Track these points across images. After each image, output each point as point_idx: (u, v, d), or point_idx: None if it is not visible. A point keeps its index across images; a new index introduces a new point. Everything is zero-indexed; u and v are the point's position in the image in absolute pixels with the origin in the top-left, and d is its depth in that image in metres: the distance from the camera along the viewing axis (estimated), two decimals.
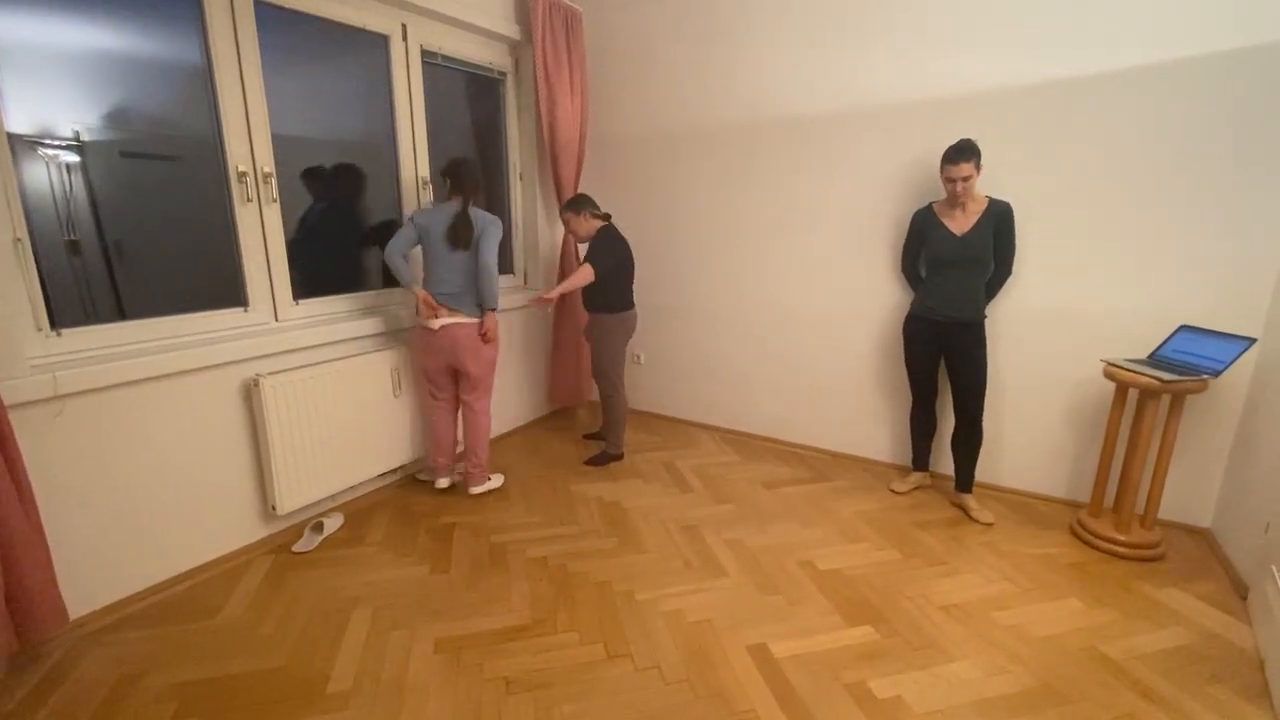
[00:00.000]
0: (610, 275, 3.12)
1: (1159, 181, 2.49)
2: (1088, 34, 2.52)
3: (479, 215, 2.68)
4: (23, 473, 1.78)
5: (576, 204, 3.17)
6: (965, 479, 2.84)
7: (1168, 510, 2.66)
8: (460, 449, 3.11)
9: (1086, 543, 2.56)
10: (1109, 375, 2.46)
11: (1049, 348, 2.80)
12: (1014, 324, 2.85)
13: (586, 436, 3.63)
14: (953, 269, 2.66)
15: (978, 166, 2.53)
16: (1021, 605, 2.18)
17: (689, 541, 2.60)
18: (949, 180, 2.56)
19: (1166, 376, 2.26)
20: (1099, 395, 2.71)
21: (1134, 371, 2.35)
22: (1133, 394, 2.50)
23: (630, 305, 3.25)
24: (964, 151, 2.50)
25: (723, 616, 2.12)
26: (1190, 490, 2.65)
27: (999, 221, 2.60)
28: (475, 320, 2.75)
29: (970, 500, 2.82)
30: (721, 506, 2.91)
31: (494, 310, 2.77)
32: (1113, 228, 2.60)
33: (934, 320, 2.74)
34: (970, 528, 2.71)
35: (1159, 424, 2.43)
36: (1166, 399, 2.39)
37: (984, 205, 2.61)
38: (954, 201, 2.62)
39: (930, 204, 2.77)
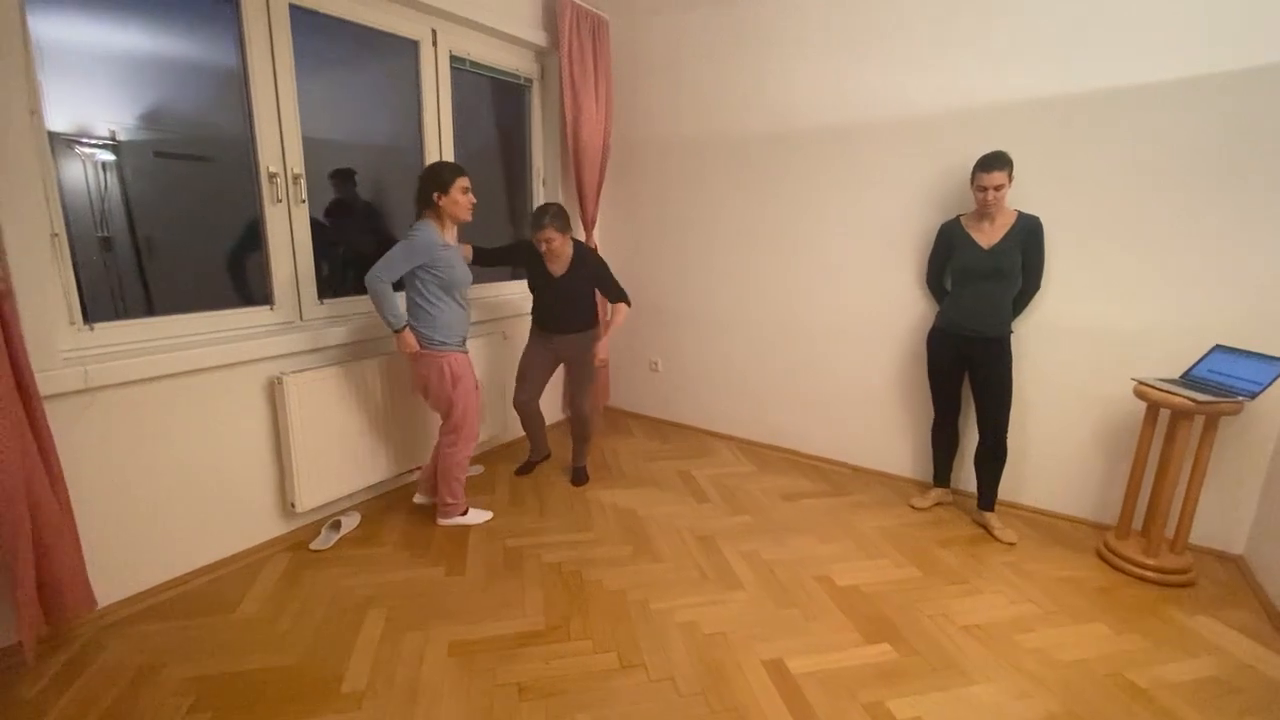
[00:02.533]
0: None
1: (1194, 197, 2.43)
2: (1122, 47, 2.47)
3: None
4: (55, 459, 1.83)
5: (567, 221, 2.76)
6: (988, 497, 2.79)
7: (1199, 535, 2.59)
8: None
9: (1113, 566, 2.49)
10: (1140, 395, 2.40)
11: (1078, 365, 2.74)
12: (1042, 340, 2.79)
13: (520, 472, 3.31)
14: (979, 282, 2.62)
15: (1009, 177, 2.50)
16: (1045, 628, 2.12)
17: (705, 552, 2.57)
18: (980, 189, 2.52)
19: (1201, 397, 2.20)
20: (1129, 415, 2.65)
21: (1166, 391, 2.30)
22: (1164, 414, 2.44)
23: None
24: (997, 160, 2.48)
25: (738, 629, 2.09)
26: (1222, 515, 2.57)
27: (1028, 235, 2.56)
28: (426, 351, 2.48)
29: (993, 519, 2.76)
30: (738, 518, 2.88)
31: (396, 331, 2.42)
32: (1145, 243, 2.54)
33: (959, 334, 2.70)
34: (992, 547, 2.66)
35: (1191, 446, 2.37)
36: (1200, 420, 2.33)
37: (1013, 219, 2.57)
38: (983, 212, 2.59)
39: (958, 216, 2.74)
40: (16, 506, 1.69)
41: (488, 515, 2.82)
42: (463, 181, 2.43)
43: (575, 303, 2.93)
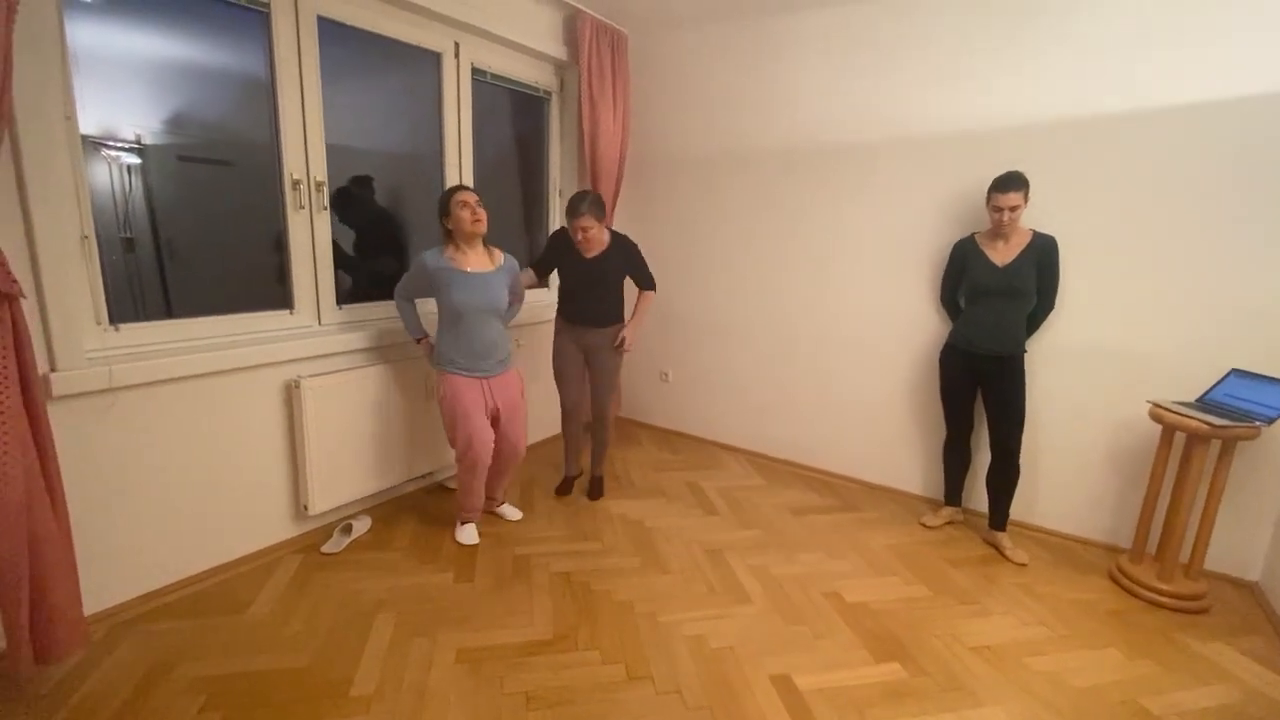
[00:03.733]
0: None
1: (1213, 220, 2.43)
2: (1140, 69, 2.48)
3: None
4: (57, 477, 1.72)
5: (603, 209, 2.77)
6: (1000, 517, 2.77)
7: (1214, 561, 2.55)
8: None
9: (1127, 590, 2.47)
10: (1155, 417, 2.39)
11: (1092, 385, 2.73)
12: (1057, 360, 2.78)
13: (561, 491, 3.20)
14: (993, 300, 2.62)
15: (1026, 198, 2.51)
16: (1057, 651, 2.10)
17: (713, 565, 2.57)
18: (996, 209, 2.53)
19: (1217, 421, 2.19)
20: (1144, 437, 2.63)
21: (1183, 415, 2.28)
22: (1179, 438, 2.41)
23: None
24: (1014, 181, 2.49)
25: (746, 644, 2.08)
26: (1238, 541, 2.54)
27: (1042, 255, 2.56)
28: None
29: (1004, 539, 2.75)
30: (747, 531, 2.88)
31: (417, 340, 2.67)
32: (1163, 265, 2.54)
33: (972, 352, 2.70)
34: (1004, 567, 2.64)
35: (1207, 470, 2.35)
36: (1216, 445, 2.31)
37: (1028, 238, 2.58)
38: (998, 231, 2.60)
39: (973, 234, 2.75)
40: (17, 525, 1.58)
41: (474, 540, 2.70)
42: (459, 196, 2.42)
43: (605, 290, 2.87)
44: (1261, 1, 2.26)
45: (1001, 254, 2.61)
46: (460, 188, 2.49)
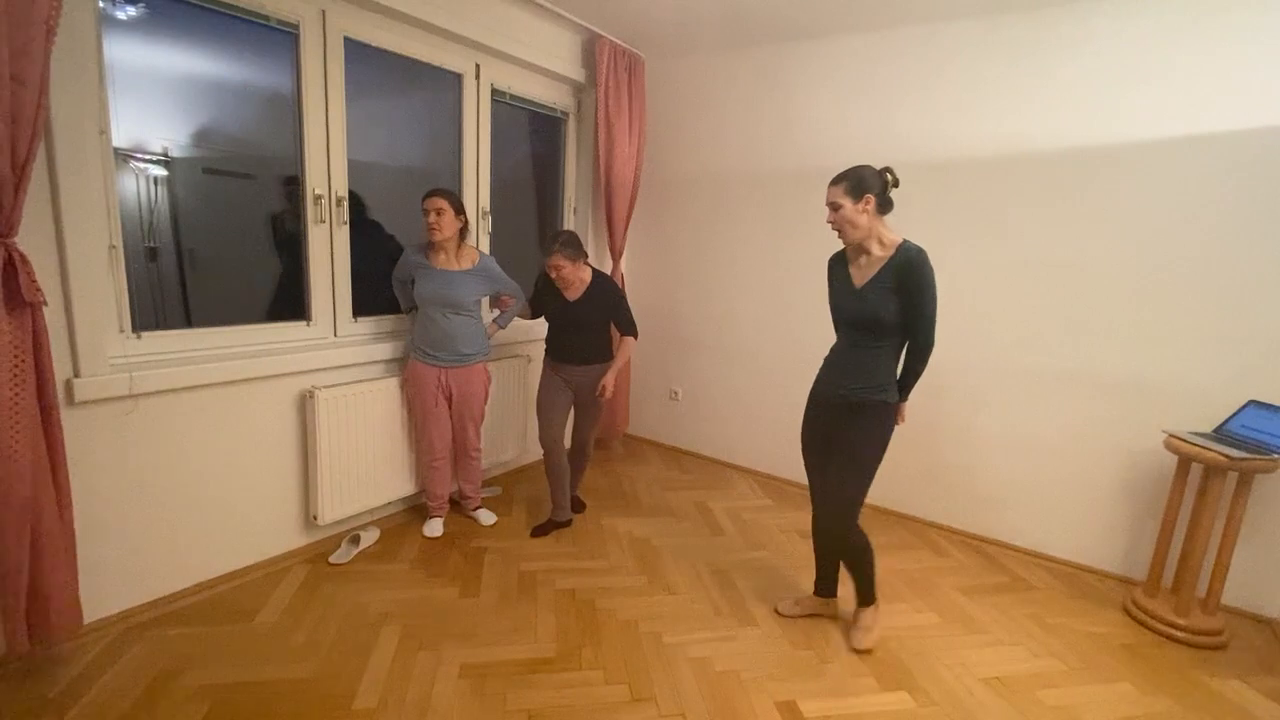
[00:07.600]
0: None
1: (1229, 248, 2.42)
2: (1164, 96, 2.49)
3: None
4: (65, 476, 1.80)
5: (577, 248, 2.72)
6: (858, 591, 2.24)
7: (1232, 596, 2.50)
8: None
9: (1141, 624, 2.42)
10: (1171, 448, 2.36)
11: (1107, 414, 2.70)
12: (1071, 389, 2.76)
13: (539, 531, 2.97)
14: (847, 331, 2.10)
15: (853, 196, 1.94)
16: (1069, 685, 2.06)
17: (719, 586, 2.55)
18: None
19: (1235, 453, 2.16)
20: (1159, 468, 2.59)
21: (1200, 446, 2.25)
22: (1195, 469, 2.38)
23: None
24: (838, 175, 2.00)
25: (751, 668, 2.06)
26: (1257, 576, 2.49)
27: (901, 272, 1.92)
28: None
29: (865, 617, 2.22)
30: (754, 553, 2.86)
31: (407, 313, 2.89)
32: (1179, 294, 2.52)
33: (819, 398, 2.19)
34: (1016, 597, 2.59)
35: (1224, 503, 2.31)
36: (1233, 477, 2.28)
37: (891, 251, 1.97)
38: (848, 244, 2.07)
39: (844, 248, 2.15)
40: (21, 515, 1.67)
41: (437, 532, 2.86)
42: (425, 203, 2.55)
43: (588, 331, 2.84)
44: None
45: (861, 272, 2.03)
46: (432, 192, 2.56)
